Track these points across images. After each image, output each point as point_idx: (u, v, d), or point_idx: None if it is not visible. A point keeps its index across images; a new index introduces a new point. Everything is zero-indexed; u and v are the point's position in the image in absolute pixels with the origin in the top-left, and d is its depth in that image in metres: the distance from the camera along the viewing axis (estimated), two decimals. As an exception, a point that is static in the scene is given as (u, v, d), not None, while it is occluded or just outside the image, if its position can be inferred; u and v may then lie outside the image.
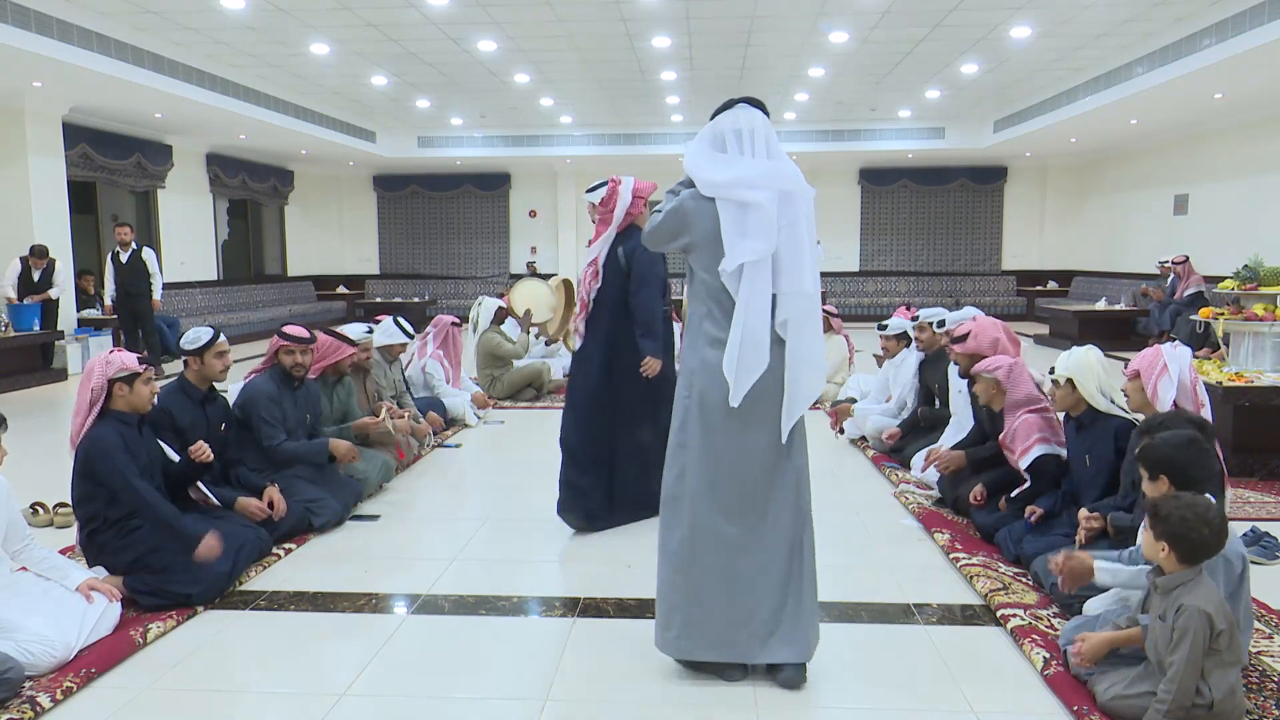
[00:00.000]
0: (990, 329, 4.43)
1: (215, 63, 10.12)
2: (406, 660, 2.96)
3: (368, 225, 17.74)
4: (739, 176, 2.60)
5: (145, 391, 3.45)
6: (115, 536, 3.35)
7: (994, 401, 4.13)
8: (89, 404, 3.38)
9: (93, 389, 3.38)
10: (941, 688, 2.74)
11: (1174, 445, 2.70)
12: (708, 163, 2.67)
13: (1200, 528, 2.35)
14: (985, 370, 4.11)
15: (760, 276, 2.57)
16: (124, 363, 3.41)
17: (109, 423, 3.37)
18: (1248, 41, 7.79)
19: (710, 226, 2.63)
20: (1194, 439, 2.71)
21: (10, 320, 8.92)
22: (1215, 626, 2.30)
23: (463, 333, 7.58)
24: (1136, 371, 3.47)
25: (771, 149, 2.66)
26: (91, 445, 3.32)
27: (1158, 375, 3.39)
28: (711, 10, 8.37)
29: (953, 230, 16.78)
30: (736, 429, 2.65)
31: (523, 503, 4.89)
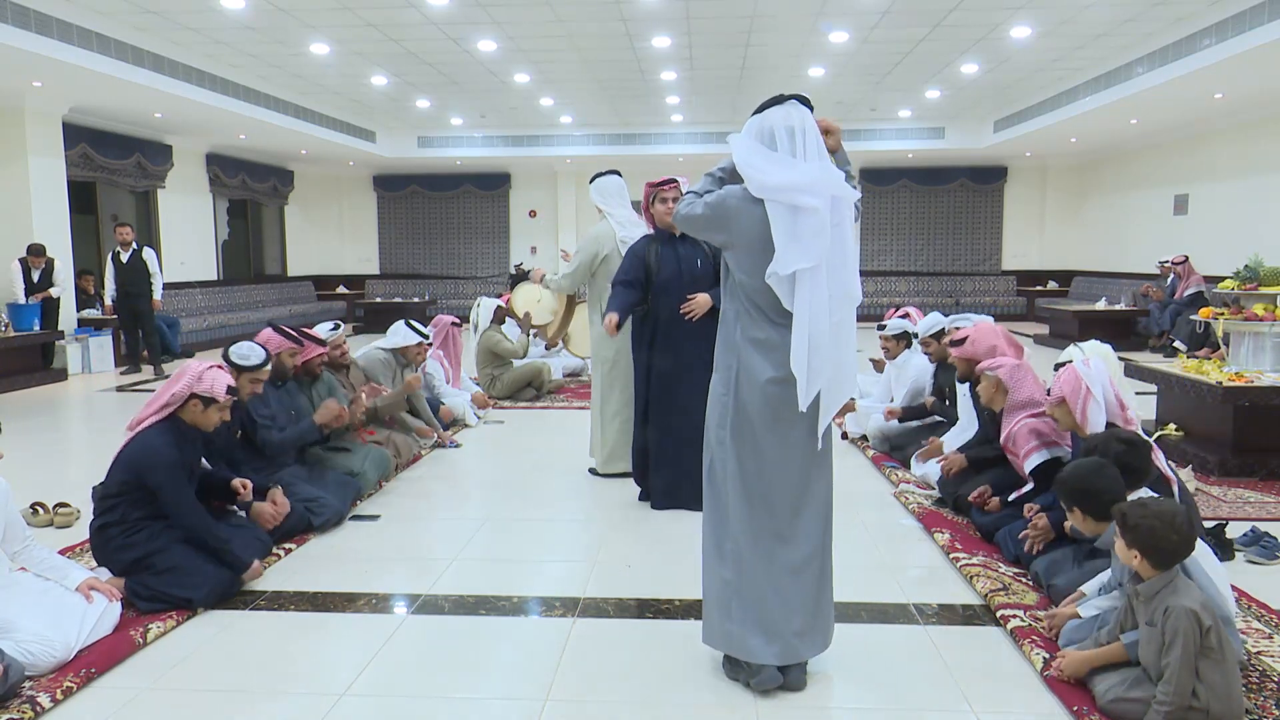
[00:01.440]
0: (989, 334, 4.40)
1: (215, 63, 10.12)
2: (406, 660, 2.96)
3: (368, 225, 17.74)
4: (794, 181, 2.53)
5: (215, 419, 3.50)
6: (123, 534, 3.35)
7: (994, 402, 4.11)
8: (164, 405, 3.44)
9: (175, 392, 3.44)
10: (941, 688, 2.74)
11: (1079, 475, 2.86)
12: (761, 161, 2.58)
13: (1169, 534, 2.41)
14: (987, 369, 4.09)
15: (817, 282, 2.53)
16: (214, 385, 3.45)
17: (171, 430, 3.41)
18: (1248, 41, 7.79)
19: (755, 230, 2.58)
20: (1097, 466, 2.86)
21: (10, 320, 8.92)
22: (1203, 623, 2.33)
23: (463, 333, 7.58)
24: (1061, 397, 3.49)
25: (821, 150, 2.62)
26: (150, 449, 3.33)
27: (1084, 400, 3.42)
28: (711, 10, 8.37)
29: (953, 230, 16.79)
30: (778, 433, 2.65)
31: (523, 503, 4.90)
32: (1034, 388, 3.99)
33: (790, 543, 2.69)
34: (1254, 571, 3.66)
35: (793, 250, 2.52)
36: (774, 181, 2.54)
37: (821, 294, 2.54)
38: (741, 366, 2.67)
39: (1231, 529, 3.93)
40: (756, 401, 2.65)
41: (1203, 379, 5.31)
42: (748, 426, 2.67)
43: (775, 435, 2.66)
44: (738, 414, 2.68)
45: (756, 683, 2.67)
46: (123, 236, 9.88)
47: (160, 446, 3.34)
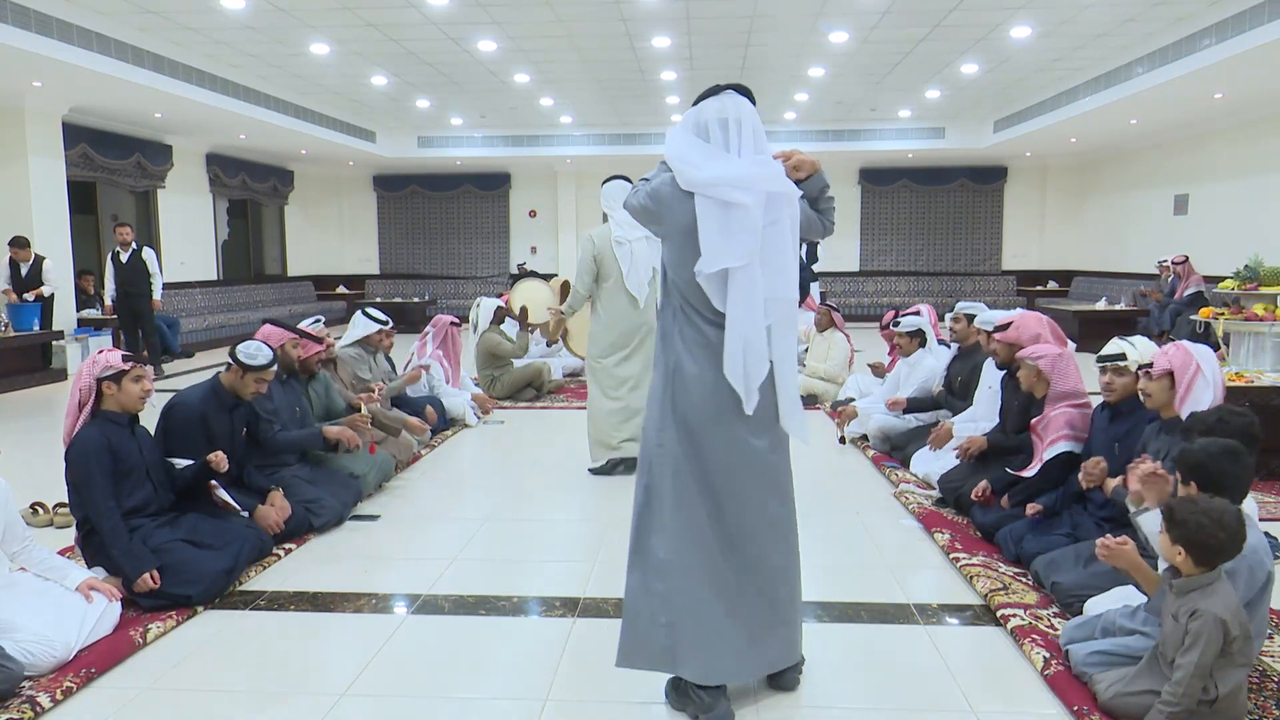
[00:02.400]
0: (1034, 323, 4.34)
1: (215, 63, 10.12)
2: (406, 660, 2.96)
3: (368, 225, 17.73)
4: (723, 175, 2.42)
5: (135, 389, 3.44)
6: None
7: (1035, 389, 4.04)
8: (78, 405, 3.40)
9: (81, 389, 3.40)
10: (941, 688, 2.74)
11: (1211, 454, 2.61)
12: (691, 154, 2.48)
13: (1216, 532, 2.31)
14: (1030, 357, 4.03)
15: (751, 282, 2.42)
16: (109, 361, 3.41)
17: (98, 424, 3.38)
18: (1248, 41, 7.79)
19: (685, 221, 2.47)
20: (1233, 450, 2.62)
21: (10, 320, 8.92)
22: (1230, 633, 2.27)
23: (462, 333, 7.58)
24: (1167, 371, 3.31)
25: (759, 144, 2.49)
26: (73, 446, 3.33)
27: (1193, 376, 3.24)
28: (711, 10, 8.37)
29: (953, 230, 16.78)
30: (719, 436, 2.53)
31: (523, 503, 4.90)
32: (1076, 379, 3.93)
33: (739, 551, 2.55)
34: (1254, 571, 3.65)
35: (720, 247, 2.41)
36: (702, 176, 2.43)
37: (756, 295, 2.42)
38: (678, 366, 2.55)
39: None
40: (694, 403, 2.53)
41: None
42: (685, 429, 2.54)
43: (717, 438, 2.53)
44: (675, 415, 2.55)
45: (706, 719, 2.50)
46: (122, 236, 9.88)
47: (82, 439, 3.32)
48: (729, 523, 2.55)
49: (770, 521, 2.59)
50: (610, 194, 5.27)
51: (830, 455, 5.82)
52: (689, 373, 2.53)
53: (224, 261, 14.52)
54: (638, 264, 5.15)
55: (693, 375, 2.53)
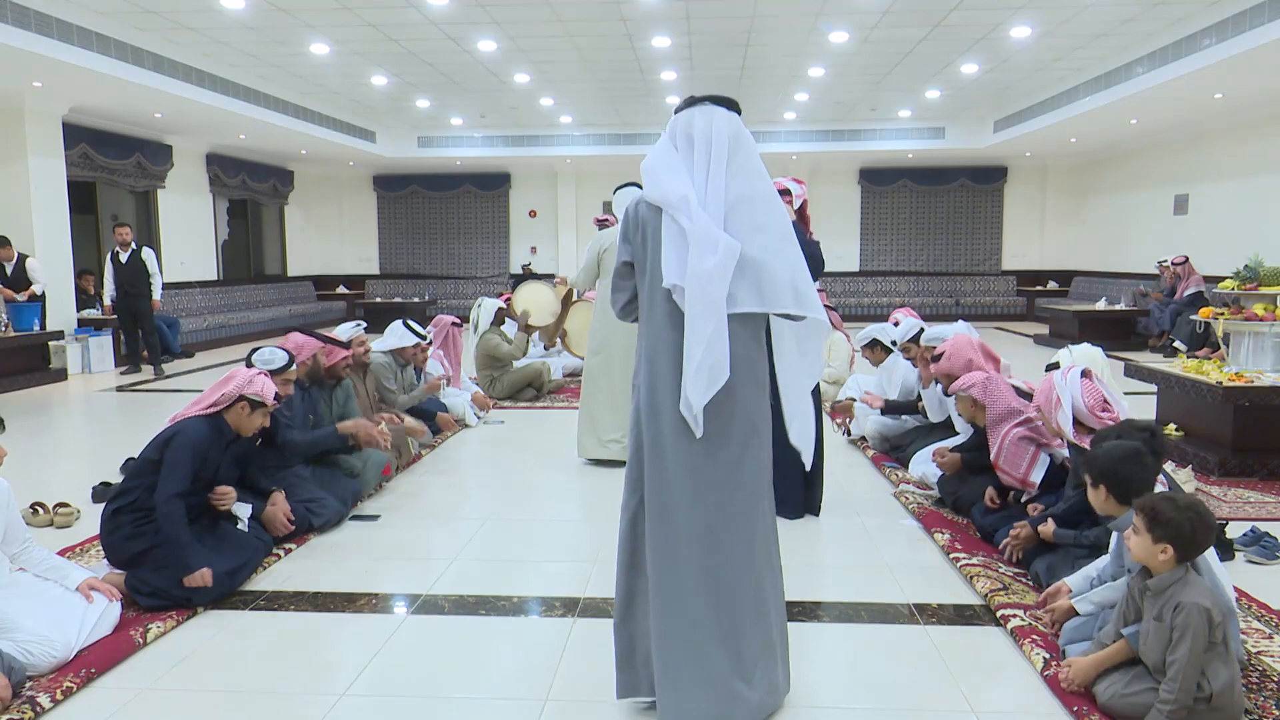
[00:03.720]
0: (964, 349, 4.41)
1: (215, 63, 10.13)
2: (406, 660, 2.95)
3: (368, 225, 17.74)
4: (667, 196, 2.36)
5: (258, 422, 3.58)
6: (134, 522, 3.37)
7: (976, 419, 4.15)
8: (212, 403, 3.51)
9: (225, 393, 3.51)
10: (941, 688, 2.74)
11: (1115, 457, 2.88)
12: (655, 164, 2.44)
13: (1202, 529, 2.39)
14: (961, 389, 4.13)
15: (703, 300, 2.30)
16: (264, 390, 3.54)
17: (210, 424, 3.48)
18: (1248, 41, 7.79)
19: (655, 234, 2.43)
20: (1135, 451, 2.88)
21: (10, 320, 8.92)
22: (1214, 620, 2.32)
23: (463, 333, 7.59)
24: (1037, 407, 3.62)
25: (726, 165, 2.37)
26: (186, 430, 3.41)
27: (1054, 409, 3.53)
28: (711, 10, 8.37)
29: (953, 230, 16.78)
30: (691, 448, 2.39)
31: (523, 503, 4.90)
32: (1009, 398, 4.01)
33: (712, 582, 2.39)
34: (1254, 571, 3.66)
35: (673, 263, 2.34)
36: (654, 193, 2.40)
37: (708, 314, 2.31)
38: (652, 382, 2.43)
39: (1231, 529, 3.93)
40: (662, 434, 2.39)
41: (1203, 379, 5.31)
42: (659, 451, 2.40)
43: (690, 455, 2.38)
44: (647, 434, 2.43)
45: None
46: (122, 237, 9.88)
47: (194, 428, 3.42)
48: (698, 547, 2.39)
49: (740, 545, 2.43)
50: (620, 200, 5.57)
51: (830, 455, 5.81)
52: (659, 388, 2.41)
53: (224, 261, 14.52)
54: None
55: (662, 391, 2.40)
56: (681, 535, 2.39)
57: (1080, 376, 3.53)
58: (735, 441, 2.41)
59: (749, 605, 2.43)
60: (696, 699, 2.36)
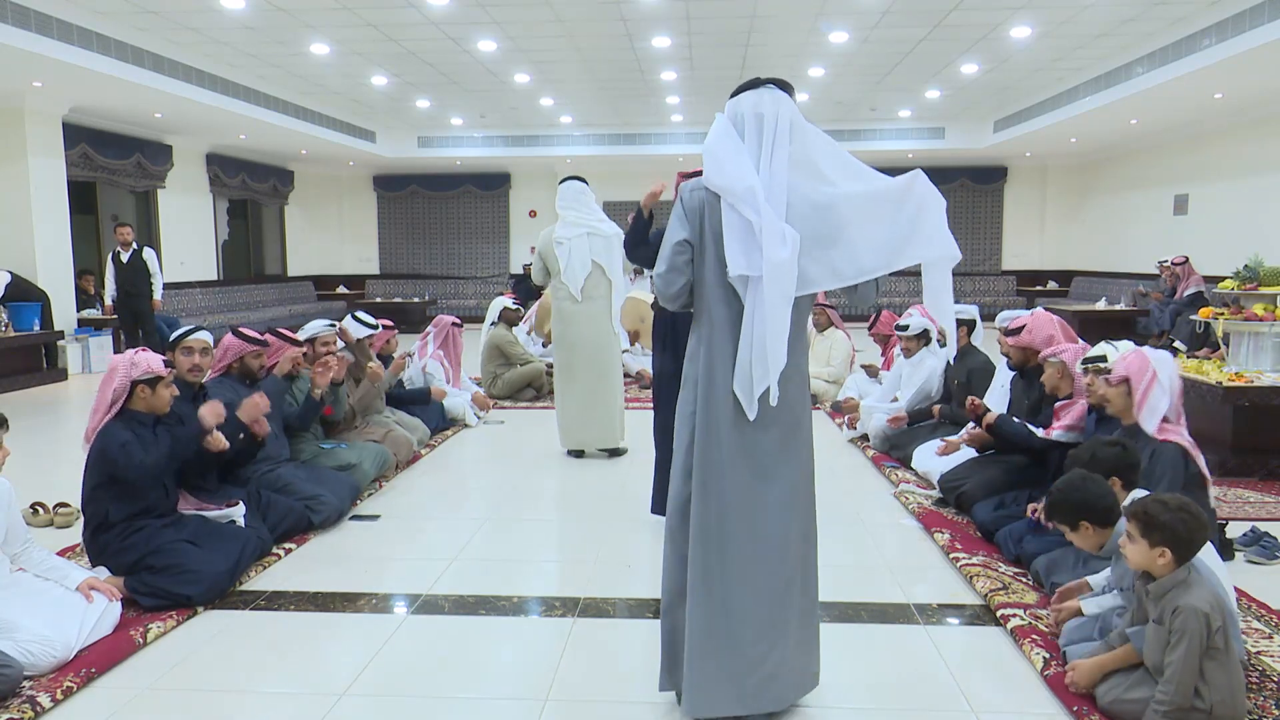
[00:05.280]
0: (1047, 324, 4.37)
1: (215, 63, 10.12)
2: (406, 660, 2.96)
3: (368, 225, 17.73)
4: (732, 185, 2.33)
5: (166, 395, 3.48)
6: (118, 537, 3.36)
7: (1060, 388, 4.05)
8: (109, 402, 3.42)
9: (115, 388, 3.41)
10: (941, 688, 2.74)
11: (1071, 490, 2.80)
12: (718, 147, 2.41)
13: (1196, 528, 2.39)
14: (1054, 354, 4.06)
15: (768, 288, 2.30)
16: (149, 365, 3.43)
17: (123, 421, 3.40)
18: (1248, 41, 7.79)
19: (716, 222, 2.40)
20: (1082, 476, 2.81)
21: (10, 320, 8.92)
22: (1213, 625, 2.30)
23: (463, 333, 7.59)
24: (1124, 378, 3.39)
25: (786, 151, 2.36)
26: (106, 441, 3.35)
27: (1149, 384, 3.32)
28: (711, 10, 8.37)
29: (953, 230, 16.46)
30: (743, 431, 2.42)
31: (523, 503, 4.90)
32: None
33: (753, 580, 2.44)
34: (1254, 571, 3.66)
35: (735, 251, 2.33)
36: (718, 180, 2.37)
37: (774, 301, 2.31)
38: (711, 375, 2.43)
39: (1231, 529, 3.93)
40: (724, 415, 2.41)
41: (1203, 379, 5.31)
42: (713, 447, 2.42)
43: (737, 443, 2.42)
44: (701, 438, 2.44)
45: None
46: (123, 237, 9.89)
47: (112, 433, 3.34)
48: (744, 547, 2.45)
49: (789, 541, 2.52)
50: (563, 193, 5.73)
51: (830, 455, 5.82)
52: (718, 380, 2.43)
53: (224, 261, 14.52)
54: (573, 260, 5.62)
55: (721, 383, 2.42)
56: (729, 517, 2.43)
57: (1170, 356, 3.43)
58: (783, 425, 2.45)
59: (787, 594, 2.49)
60: (724, 685, 2.42)
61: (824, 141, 2.44)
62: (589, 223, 5.66)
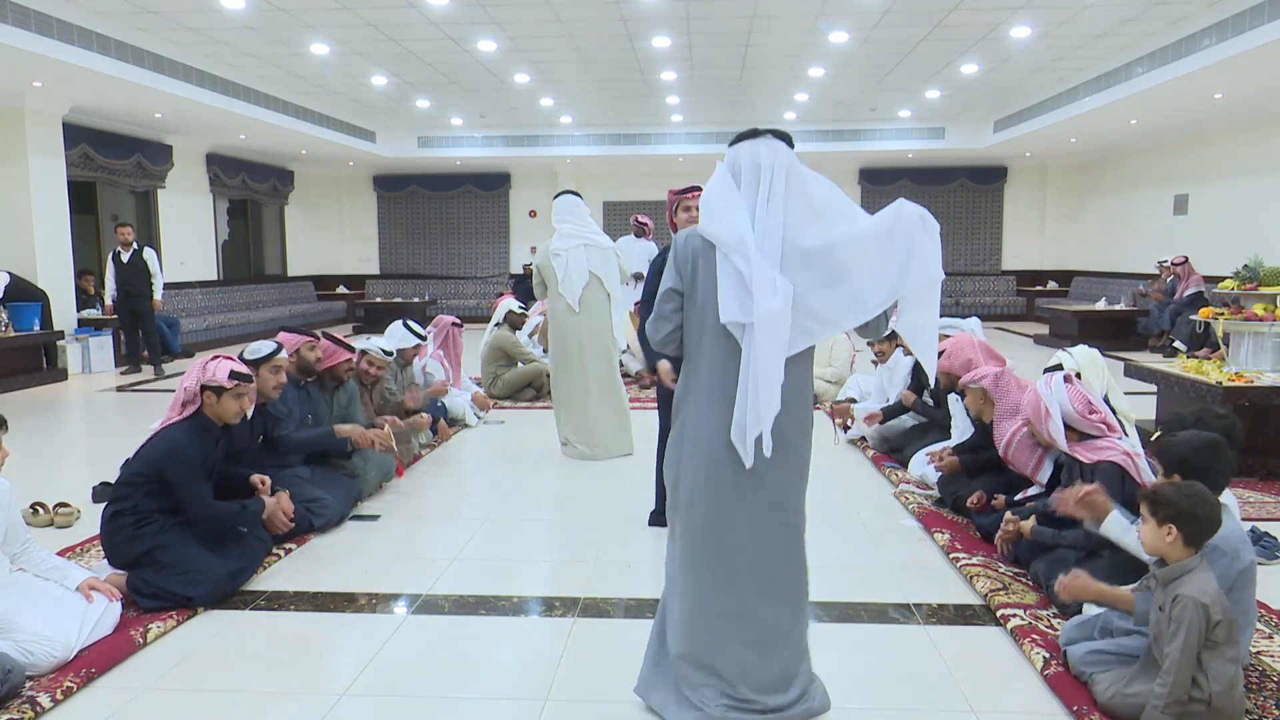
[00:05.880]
0: (965, 348, 4.42)
1: (215, 63, 10.12)
2: (406, 660, 2.96)
3: (368, 225, 17.73)
4: (722, 234, 2.37)
5: (233, 406, 3.53)
6: (134, 524, 3.37)
7: (984, 413, 4.14)
8: (182, 403, 3.51)
9: (185, 389, 3.51)
10: (941, 688, 2.74)
11: (1194, 447, 2.66)
12: (715, 197, 2.45)
13: (1201, 506, 2.38)
14: (972, 381, 4.12)
15: (761, 335, 2.32)
16: (215, 374, 3.49)
17: (194, 427, 3.46)
18: (1248, 41, 7.79)
19: (710, 271, 2.43)
20: (1216, 443, 2.67)
21: (10, 320, 8.92)
22: (1212, 618, 2.29)
23: (463, 333, 7.59)
24: (1028, 420, 3.56)
25: (783, 201, 2.38)
26: (172, 445, 3.39)
27: (1044, 420, 3.48)
28: (711, 10, 8.37)
29: (953, 230, 16.77)
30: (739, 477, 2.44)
31: (523, 503, 4.90)
32: (1018, 394, 4.00)
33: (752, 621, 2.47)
34: (1254, 571, 3.66)
35: (730, 299, 2.35)
36: (711, 229, 2.40)
37: (767, 350, 2.32)
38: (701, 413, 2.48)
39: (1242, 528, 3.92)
40: (707, 467, 2.45)
41: (1203, 379, 5.31)
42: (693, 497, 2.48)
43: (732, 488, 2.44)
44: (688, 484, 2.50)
45: None
46: (123, 236, 9.89)
47: (182, 442, 3.41)
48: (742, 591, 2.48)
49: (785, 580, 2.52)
50: (558, 207, 5.83)
51: (830, 456, 5.82)
52: (697, 426, 2.48)
53: (224, 261, 14.52)
54: (571, 272, 5.67)
55: (700, 428, 2.47)
56: (722, 558, 2.46)
57: (1064, 381, 3.51)
58: (781, 470, 2.45)
59: (783, 631, 2.49)
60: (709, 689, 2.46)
61: (820, 187, 2.47)
62: (585, 235, 5.72)
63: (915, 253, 2.44)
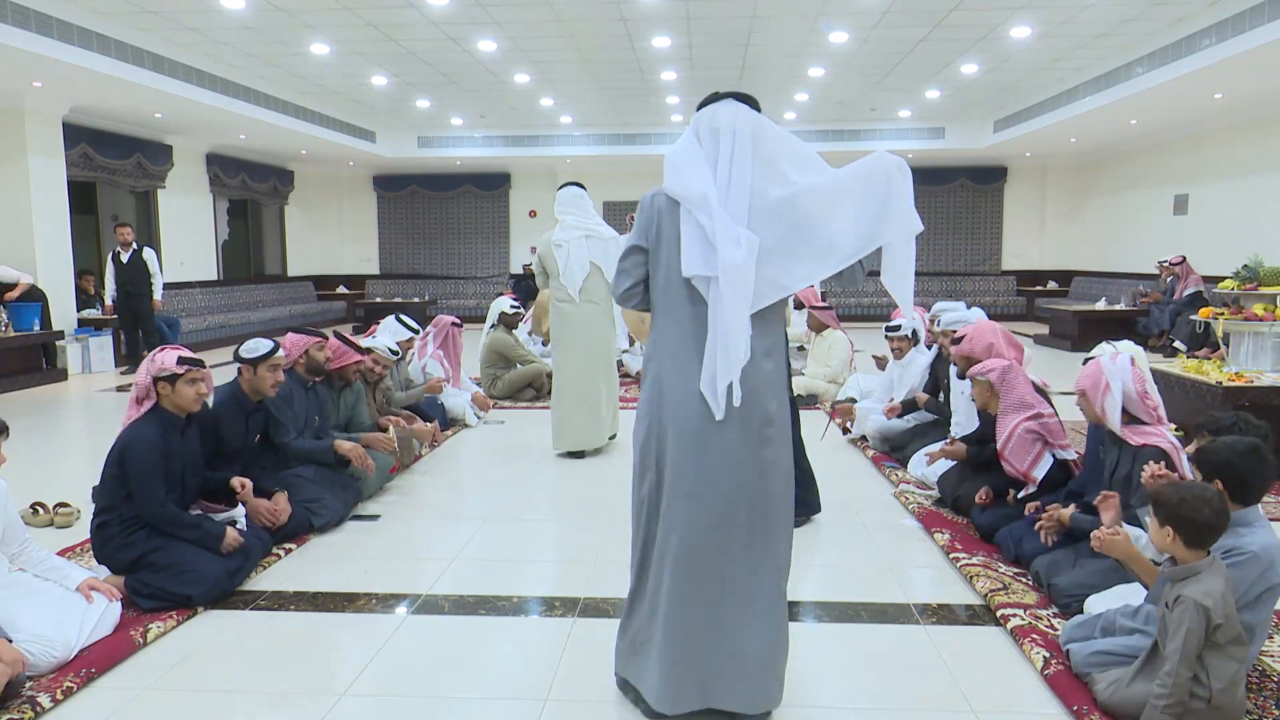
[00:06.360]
0: (986, 333, 4.40)
1: (215, 63, 10.12)
2: (406, 660, 2.96)
3: (368, 225, 17.73)
4: (684, 190, 2.39)
5: (189, 392, 3.48)
6: (123, 532, 3.37)
7: (989, 405, 4.12)
8: (137, 400, 3.47)
9: (138, 385, 3.47)
10: (941, 688, 2.74)
11: (1236, 451, 2.60)
12: (678, 157, 2.46)
13: (1201, 508, 2.36)
14: (979, 374, 4.11)
15: (725, 289, 2.33)
16: (164, 364, 3.46)
17: (154, 421, 3.43)
18: (1248, 41, 7.79)
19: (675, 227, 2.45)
20: (1256, 447, 2.61)
21: (10, 320, 8.92)
22: (1213, 620, 2.28)
23: (463, 333, 7.59)
24: (1082, 390, 3.47)
25: (748, 164, 2.38)
26: (132, 439, 3.37)
27: (1103, 395, 3.38)
28: (711, 10, 8.37)
29: (953, 230, 16.78)
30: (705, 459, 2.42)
31: (523, 503, 4.90)
32: (1024, 389, 3.99)
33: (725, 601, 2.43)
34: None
35: (693, 253, 2.37)
36: (674, 186, 2.43)
37: (731, 303, 2.34)
38: (670, 368, 2.47)
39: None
40: (679, 420, 2.43)
41: (1203, 379, 5.31)
42: (668, 450, 2.45)
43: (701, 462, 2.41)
44: (660, 438, 2.47)
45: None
46: (123, 237, 9.89)
47: (143, 433, 3.37)
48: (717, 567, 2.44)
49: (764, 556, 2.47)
50: (561, 198, 5.86)
51: (830, 456, 5.82)
52: (675, 383, 2.46)
53: (224, 261, 14.52)
54: (572, 262, 5.69)
55: (680, 384, 2.45)
56: (695, 520, 2.42)
57: (1129, 362, 3.45)
58: (753, 426, 2.43)
59: (752, 601, 2.44)
60: (685, 686, 2.44)
61: (787, 144, 2.47)
62: (587, 225, 5.76)
63: (895, 198, 2.41)
